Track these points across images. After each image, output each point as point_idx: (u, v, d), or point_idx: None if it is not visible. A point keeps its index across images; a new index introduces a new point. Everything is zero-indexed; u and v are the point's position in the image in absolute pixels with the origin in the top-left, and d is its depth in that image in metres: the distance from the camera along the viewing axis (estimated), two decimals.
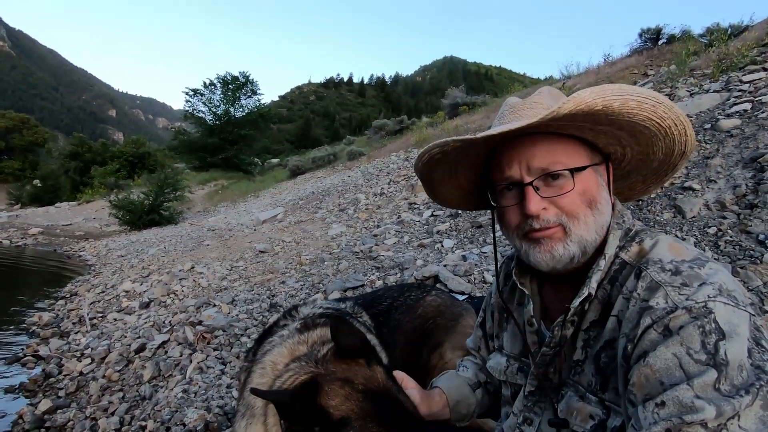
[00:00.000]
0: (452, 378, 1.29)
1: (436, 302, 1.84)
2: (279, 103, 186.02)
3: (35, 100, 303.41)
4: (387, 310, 1.74)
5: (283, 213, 10.15)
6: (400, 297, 1.83)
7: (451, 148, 0.94)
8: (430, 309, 1.80)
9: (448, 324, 1.76)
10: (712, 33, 8.53)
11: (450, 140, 0.91)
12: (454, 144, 0.91)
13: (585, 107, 0.78)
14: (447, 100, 17.11)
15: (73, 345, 3.96)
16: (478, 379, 1.28)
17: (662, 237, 0.87)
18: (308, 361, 1.12)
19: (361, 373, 1.04)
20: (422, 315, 1.77)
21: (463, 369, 1.32)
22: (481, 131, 0.91)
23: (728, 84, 5.09)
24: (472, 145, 0.90)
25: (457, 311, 1.82)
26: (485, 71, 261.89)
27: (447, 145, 0.92)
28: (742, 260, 2.60)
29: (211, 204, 19.77)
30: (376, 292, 1.94)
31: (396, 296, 1.84)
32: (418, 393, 1.14)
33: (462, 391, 1.24)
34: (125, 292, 5.53)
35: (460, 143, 0.90)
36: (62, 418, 2.72)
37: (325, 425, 0.93)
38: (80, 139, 41.10)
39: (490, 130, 0.87)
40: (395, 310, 1.75)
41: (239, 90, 32.34)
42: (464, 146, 0.92)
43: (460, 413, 1.21)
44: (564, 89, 10.61)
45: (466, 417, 1.23)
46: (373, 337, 1.50)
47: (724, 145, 3.75)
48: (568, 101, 0.77)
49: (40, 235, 14.13)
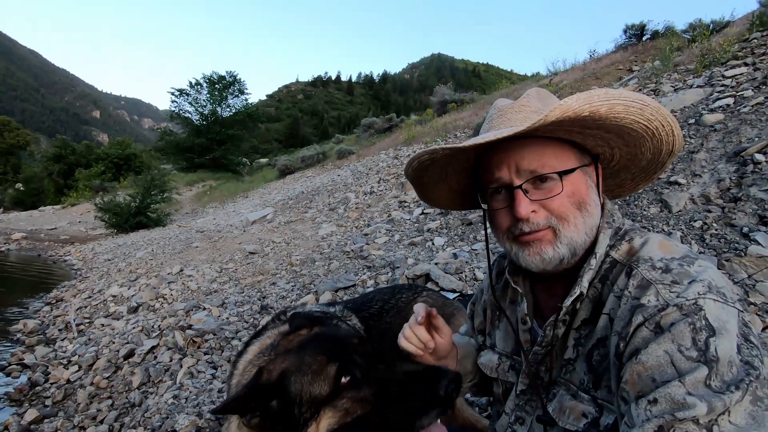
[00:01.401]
0: (461, 337, 1.32)
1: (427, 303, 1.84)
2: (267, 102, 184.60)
3: (16, 102, 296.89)
4: (378, 313, 1.73)
5: (272, 213, 10.08)
6: (391, 299, 1.83)
7: (440, 155, 0.94)
8: None
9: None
10: (694, 29, 8.67)
11: (439, 148, 0.91)
12: (443, 152, 0.92)
13: (572, 114, 0.78)
14: (435, 98, 17.13)
15: (60, 352, 3.88)
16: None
17: (652, 235, 0.88)
18: (266, 352, 1.15)
19: (298, 338, 1.09)
20: None
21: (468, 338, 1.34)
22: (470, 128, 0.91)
23: (711, 79, 5.17)
24: (462, 151, 0.91)
25: (449, 311, 1.83)
26: (473, 68, 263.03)
27: (436, 153, 0.93)
28: (728, 253, 2.64)
29: (199, 205, 19.57)
30: (367, 295, 1.94)
31: (387, 299, 1.83)
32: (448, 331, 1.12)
33: (469, 349, 1.25)
34: (113, 296, 5.44)
35: (450, 151, 0.91)
36: (49, 427, 2.67)
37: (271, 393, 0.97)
38: (63, 141, 40.32)
39: (478, 138, 0.88)
40: (386, 313, 1.74)
41: (226, 89, 32.03)
42: (453, 152, 0.92)
43: (465, 368, 1.22)
44: (551, 85, 10.69)
45: (468, 374, 1.22)
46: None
47: (708, 140, 3.81)
48: (554, 109, 0.77)
49: (24, 240, 13.84)
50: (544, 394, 0.94)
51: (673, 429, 0.64)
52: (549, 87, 10.47)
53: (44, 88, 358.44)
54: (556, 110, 0.77)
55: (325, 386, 0.96)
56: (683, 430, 0.64)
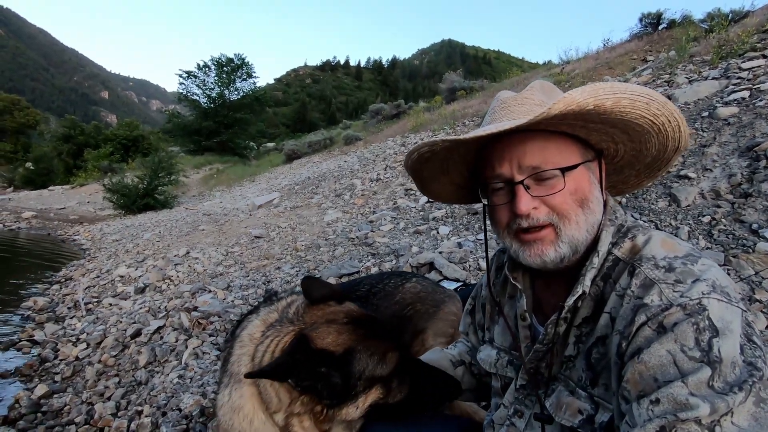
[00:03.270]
0: (435, 353, 1.36)
1: (416, 289, 1.84)
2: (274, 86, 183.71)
3: (26, 81, 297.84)
4: (365, 295, 1.74)
5: (278, 198, 10.11)
6: (379, 284, 1.83)
7: (440, 148, 0.92)
8: (409, 295, 1.80)
9: (429, 310, 1.75)
10: (712, 18, 8.44)
11: (439, 140, 0.90)
12: (443, 144, 0.90)
13: (576, 107, 0.76)
14: (445, 85, 16.95)
15: (69, 330, 3.96)
16: (462, 359, 1.32)
17: (655, 233, 0.87)
18: (282, 324, 1.20)
19: (339, 311, 1.19)
20: (400, 301, 1.77)
21: (452, 347, 1.37)
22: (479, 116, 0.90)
23: (727, 71, 5.05)
24: (462, 143, 0.89)
25: (439, 298, 1.82)
26: (484, 55, 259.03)
27: (436, 145, 0.91)
28: (735, 249, 2.61)
29: (206, 188, 19.66)
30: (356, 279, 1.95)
31: (374, 283, 1.84)
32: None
33: (441, 364, 1.28)
34: (120, 276, 5.52)
35: (449, 143, 0.89)
36: (59, 402, 2.74)
37: (332, 363, 1.04)
38: (72, 121, 40.55)
39: (479, 130, 0.86)
40: (374, 296, 1.76)
41: (234, 72, 31.84)
42: (454, 145, 0.90)
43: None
44: (563, 74, 10.51)
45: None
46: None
47: (721, 134, 3.73)
48: (558, 102, 0.75)
49: (34, 218, 14.03)
50: (542, 391, 0.94)
51: (675, 429, 0.64)
52: (560, 76, 10.29)
53: (53, 68, 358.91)
54: (560, 103, 0.75)
55: (385, 369, 1.10)
56: (685, 430, 0.63)
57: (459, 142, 0.87)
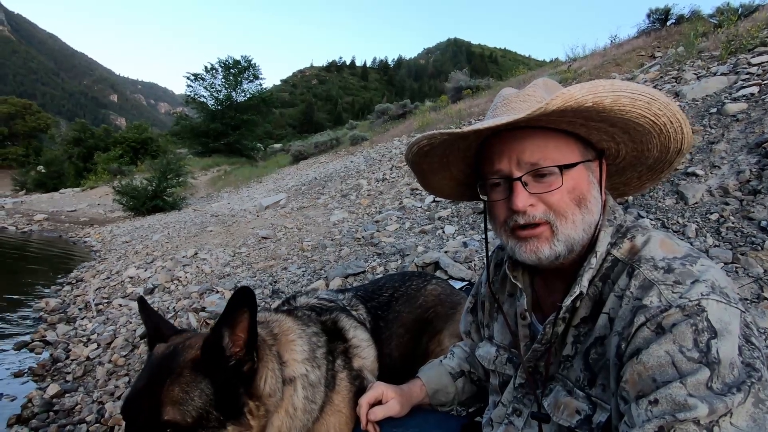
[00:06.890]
0: (434, 367, 1.33)
1: (436, 291, 1.85)
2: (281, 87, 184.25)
3: (36, 86, 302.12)
4: (387, 301, 1.74)
5: (285, 199, 10.16)
6: (401, 287, 1.83)
7: (438, 141, 0.92)
8: (430, 298, 1.81)
9: (447, 312, 1.77)
10: (721, 13, 8.33)
11: (437, 133, 0.90)
12: (441, 137, 0.90)
13: (574, 104, 0.75)
14: (451, 84, 16.90)
15: (80, 330, 4.03)
16: (461, 369, 1.31)
17: (654, 233, 0.86)
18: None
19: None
20: (423, 305, 1.79)
21: (449, 357, 1.35)
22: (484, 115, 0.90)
23: (736, 66, 4.98)
24: (461, 137, 0.89)
25: (456, 300, 1.84)
26: (490, 53, 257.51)
27: (435, 138, 0.91)
28: (743, 247, 2.59)
29: (214, 190, 19.80)
30: (378, 282, 1.94)
31: (397, 286, 1.83)
32: (398, 399, 1.21)
33: (442, 380, 1.28)
34: (130, 278, 5.59)
35: (448, 136, 0.89)
36: (70, 401, 2.79)
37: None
38: (82, 124, 41.04)
39: (478, 124, 0.86)
40: (396, 301, 1.75)
41: (241, 74, 32.08)
42: (453, 138, 0.91)
43: (439, 401, 1.27)
44: (569, 71, 10.43)
45: (446, 404, 1.28)
46: (363, 332, 1.52)
47: (730, 130, 3.69)
48: (556, 97, 0.74)
49: (46, 221, 14.25)
50: (540, 390, 0.94)
51: (674, 429, 0.64)
52: (567, 73, 10.22)
53: (63, 72, 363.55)
54: (558, 99, 0.74)
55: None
56: (684, 430, 0.64)
57: (457, 135, 0.87)
